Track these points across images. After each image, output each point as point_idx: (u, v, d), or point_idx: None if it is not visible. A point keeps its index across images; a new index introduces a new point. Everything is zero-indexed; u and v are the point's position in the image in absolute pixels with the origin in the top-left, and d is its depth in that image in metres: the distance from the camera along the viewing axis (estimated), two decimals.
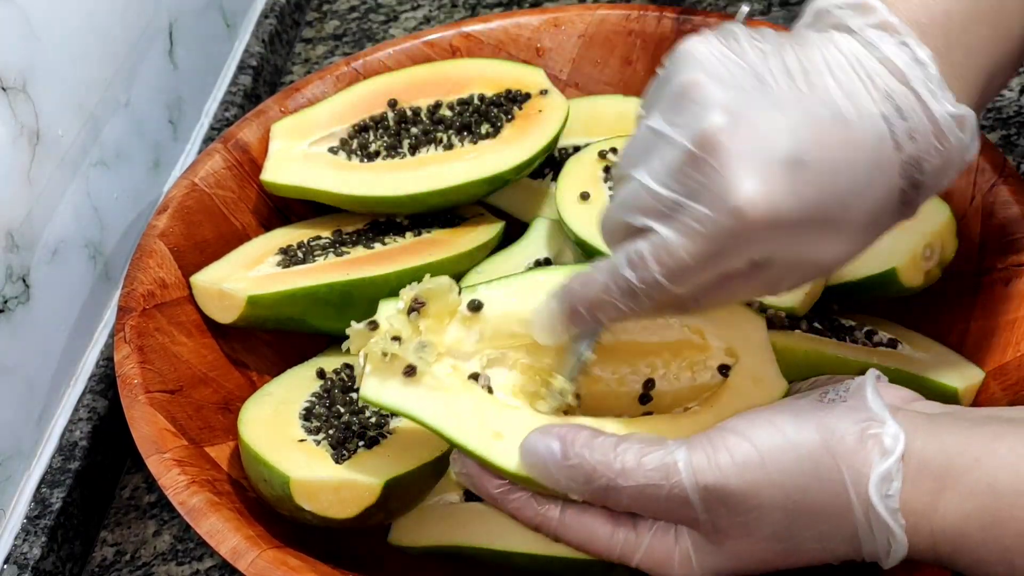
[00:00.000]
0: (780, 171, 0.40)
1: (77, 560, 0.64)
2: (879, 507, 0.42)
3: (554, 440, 0.46)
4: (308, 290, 0.63)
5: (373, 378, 0.50)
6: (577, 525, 0.47)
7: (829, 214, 0.42)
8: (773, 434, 0.44)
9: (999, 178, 0.63)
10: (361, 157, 0.70)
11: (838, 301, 0.63)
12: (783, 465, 0.43)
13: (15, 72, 0.62)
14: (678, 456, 0.44)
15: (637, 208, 0.43)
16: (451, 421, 0.49)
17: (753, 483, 0.43)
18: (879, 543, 0.43)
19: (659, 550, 0.46)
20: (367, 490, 0.53)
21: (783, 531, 0.44)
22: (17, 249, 0.62)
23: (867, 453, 0.43)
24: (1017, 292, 0.59)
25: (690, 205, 0.41)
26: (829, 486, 0.43)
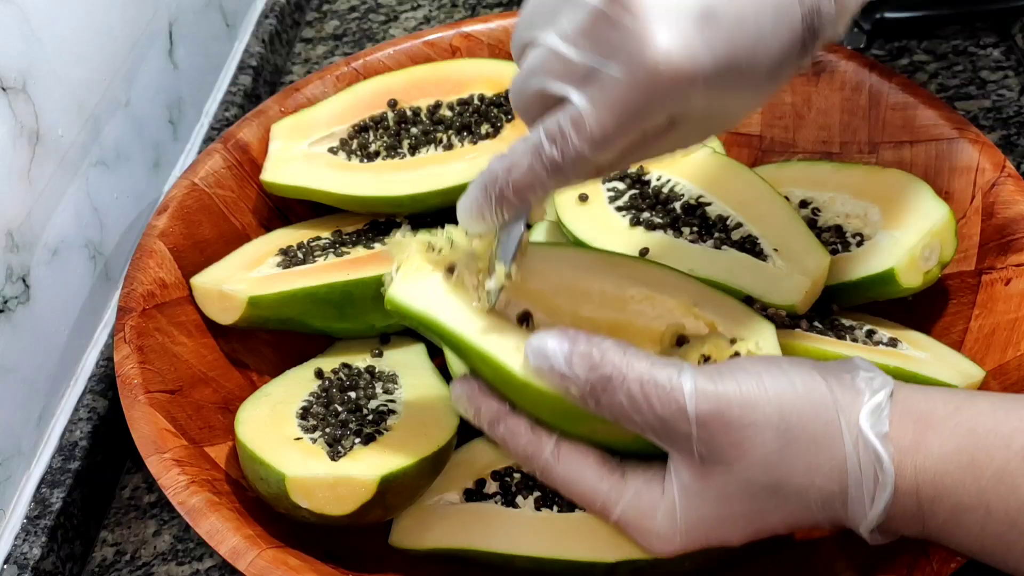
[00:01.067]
0: (693, 25, 0.40)
1: (77, 560, 0.64)
2: (868, 433, 0.43)
3: (565, 336, 0.46)
4: (308, 290, 0.63)
5: (402, 283, 0.49)
6: (567, 460, 0.47)
7: (740, 64, 0.42)
8: (774, 369, 0.45)
9: (999, 178, 0.63)
10: (361, 157, 0.70)
11: (838, 301, 0.63)
12: (780, 387, 0.44)
13: (15, 72, 0.62)
14: (684, 367, 0.44)
15: (550, 74, 0.42)
16: (474, 329, 0.48)
17: (750, 397, 0.43)
18: (865, 476, 0.43)
19: (644, 500, 0.46)
20: (363, 486, 0.53)
21: (774, 456, 0.44)
22: (17, 249, 0.62)
23: (858, 391, 0.44)
24: (1017, 292, 0.59)
25: (606, 67, 0.41)
26: (822, 412, 0.44)
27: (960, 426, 0.43)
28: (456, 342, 0.49)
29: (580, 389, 0.45)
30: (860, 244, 0.63)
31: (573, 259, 0.54)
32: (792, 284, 0.60)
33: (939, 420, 0.44)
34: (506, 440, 0.49)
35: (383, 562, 0.58)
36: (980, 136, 0.65)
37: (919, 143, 0.67)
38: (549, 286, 0.52)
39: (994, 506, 0.42)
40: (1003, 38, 0.88)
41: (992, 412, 0.43)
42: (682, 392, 0.44)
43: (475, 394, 0.49)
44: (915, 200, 0.63)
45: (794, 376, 0.45)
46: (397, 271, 0.50)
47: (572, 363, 0.45)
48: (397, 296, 0.49)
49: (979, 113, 0.82)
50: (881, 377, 0.45)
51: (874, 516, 0.44)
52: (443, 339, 0.49)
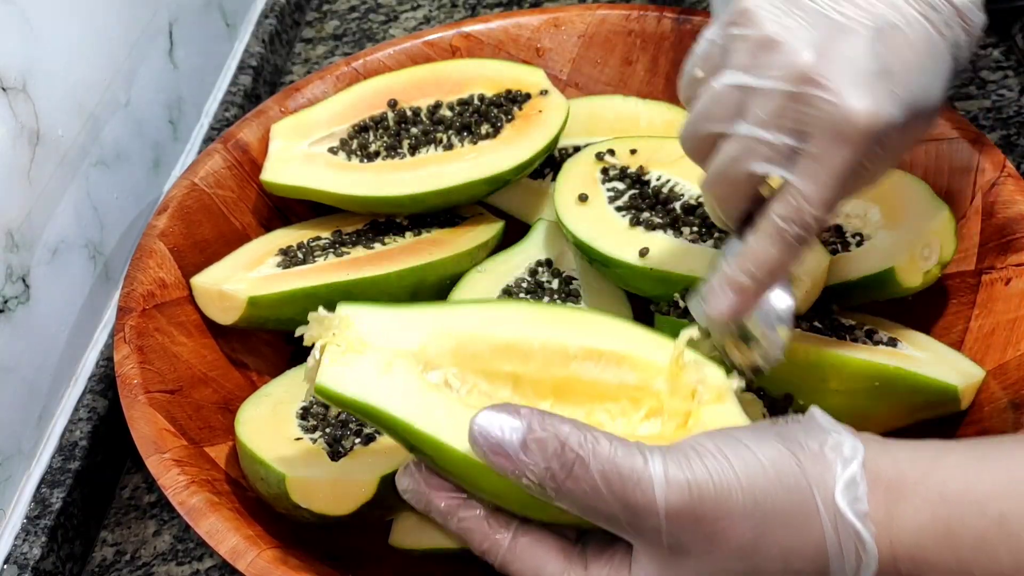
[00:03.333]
0: (877, 83, 0.46)
1: (77, 560, 0.64)
2: (847, 512, 0.41)
3: (516, 416, 0.42)
4: (308, 291, 0.63)
5: (331, 367, 0.45)
6: (527, 555, 0.44)
7: (921, 105, 0.48)
8: (738, 447, 0.42)
9: (999, 178, 0.63)
10: (361, 157, 0.70)
11: (838, 301, 0.63)
12: (750, 470, 0.42)
13: (15, 72, 0.62)
14: (650, 453, 0.42)
15: (754, 158, 0.48)
16: (417, 411, 0.44)
17: (722, 487, 0.41)
18: (847, 556, 0.42)
19: None
20: (363, 486, 0.53)
21: (748, 545, 0.41)
22: (17, 249, 0.62)
23: (829, 462, 0.42)
24: (1017, 292, 0.59)
25: (809, 141, 0.46)
26: (795, 494, 0.42)
27: (931, 492, 0.41)
28: (403, 429, 0.44)
29: (538, 477, 0.42)
30: (860, 244, 0.63)
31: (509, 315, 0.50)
32: None
33: (909, 487, 0.42)
34: (463, 535, 0.45)
35: (383, 562, 0.58)
36: (980, 136, 0.65)
37: (919, 143, 0.67)
38: (487, 348, 0.48)
39: (977, 574, 0.41)
40: (1003, 38, 0.88)
41: (963, 474, 0.42)
42: (651, 483, 0.41)
43: (422, 488, 0.46)
44: (915, 200, 0.63)
45: (761, 454, 0.42)
46: (321, 352, 0.45)
47: (528, 449, 0.41)
48: (328, 385, 0.44)
49: (979, 113, 0.82)
50: (849, 441, 0.43)
51: None
52: (385, 427, 0.45)
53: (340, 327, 0.46)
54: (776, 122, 0.47)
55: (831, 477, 0.42)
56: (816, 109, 0.46)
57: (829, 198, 0.47)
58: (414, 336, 0.47)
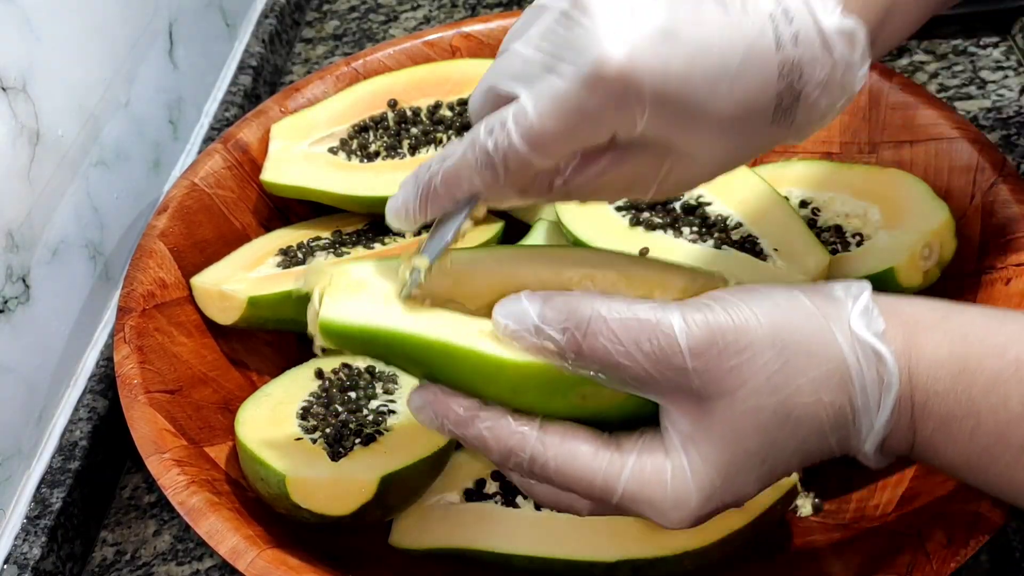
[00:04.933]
0: (648, 35, 0.39)
1: (77, 560, 0.64)
2: (865, 334, 0.41)
3: (534, 295, 0.42)
4: (308, 291, 0.63)
5: (334, 304, 0.44)
6: (556, 442, 0.43)
7: (696, 92, 0.41)
8: (752, 293, 0.42)
9: (999, 178, 0.63)
10: (361, 157, 0.70)
11: None
12: (766, 308, 0.41)
13: (15, 72, 0.62)
14: (666, 303, 0.41)
15: (506, 74, 0.42)
16: (430, 326, 0.44)
17: (742, 321, 0.41)
18: (869, 379, 0.41)
19: (647, 467, 0.42)
20: (363, 486, 0.53)
21: (777, 376, 0.41)
22: (17, 249, 0.62)
23: (838, 300, 0.42)
24: (1017, 292, 0.59)
25: (556, 67, 0.40)
26: (812, 323, 0.41)
27: (951, 332, 0.41)
28: (413, 344, 0.44)
29: (558, 342, 0.41)
30: (860, 244, 0.63)
31: (501, 256, 0.50)
32: (792, 284, 0.60)
33: (929, 325, 0.42)
34: (484, 438, 0.43)
35: (383, 562, 0.58)
36: (980, 136, 0.65)
37: (919, 143, 0.67)
38: (483, 285, 0.48)
39: (984, 416, 0.41)
40: (1003, 38, 0.88)
41: (984, 322, 0.42)
42: (670, 325, 0.40)
43: (439, 399, 0.44)
44: (915, 200, 0.63)
45: (776, 297, 0.42)
46: (321, 296, 0.45)
47: (546, 316, 0.41)
48: (333, 317, 0.44)
49: (979, 113, 0.82)
50: (857, 283, 0.43)
51: (881, 422, 0.42)
52: (394, 350, 0.44)
53: (336, 273, 0.45)
54: (537, 40, 0.41)
55: (844, 310, 0.42)
56: (572, 34, 0.40)
57: (539, 128, 0.40)
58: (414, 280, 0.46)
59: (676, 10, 0.40)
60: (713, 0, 0.41)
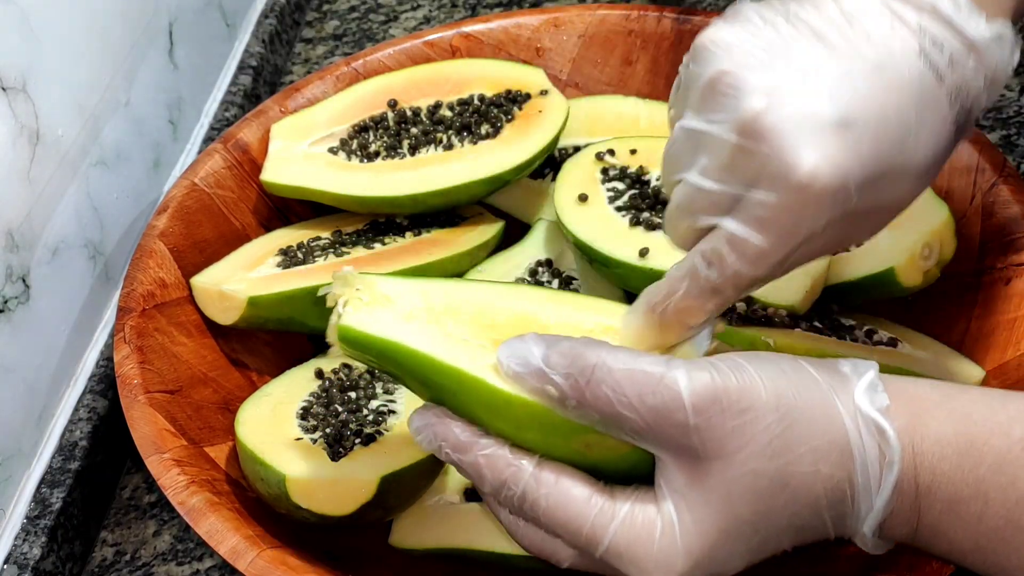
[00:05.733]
0: (832, 135, 0.40)
1: (77, 560, 0.64)
2: (869, 409, 0.41)
3: (540, 337, 0.43)
4: (308, 291, 0.63)
5: (355, 313, 0.45)
6: (550, 481, 0.43)
7: (892, 162, 0.41)
8: (755, 357, 0.42)
9: (999, 178, 0.63)
10: (361, 157, 0.70)
11: (837, 301, 0.63)
12: (771, 373, 0.41)
13: (15, 72, 0.62)
14: (670, 358, 0.42)
15: (697, 210, 0.43)
16: (444, 349, 0.44)
17: (746, 383, 0.41)
18: (870, 454, 0.41)
19: (637, 521, 0.42)
20: (363, 487, 0.53)
21: (777, 441, 0.41)
22: (17, 249, 0.62)
23: (844, 375, 0.42)
24: (1017, 292, 0.59)
25: (753, 194, 0.41)
26: (816, 394, 0.41)
27: (955, 411, 0.41)
28: (426, 365, 0.44)
29: (561, 387, 0.41)
30: (860, 243, 0.63)
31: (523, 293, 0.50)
32: (792, 284, 0.60)
33: (933, 404, 0.42)
34: (480, 465, 0.43)
35: (383, 562, 0.58)
36: (980, 136, 0.65)
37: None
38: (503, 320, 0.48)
39: (992, 497, 0.40)
40: None
41: (986, 401, 0.42)
42: (675, 380, 0.40)
43: (440, 421, 0.44)
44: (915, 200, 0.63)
45: (781, 364, 0.42)
46: (345, 305, 0.45)
47: (550, 360, 0.42)
48: (352, 324, 0.44)
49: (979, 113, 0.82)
50: (863, 361, 0.43)
51: (881, 502, 0.41)
52: (406, 368, 0.45)
53: (364, 284, 0.46)
54: (719, 174, 0.42)
55: (849, 384, 0.42)
56: (760, 164, 0.40)
57: (757, 251, 0.42)
58: (433, 300, 0.47)
59: (839, 95, 0.40)
60: (863, 59, 0.41)
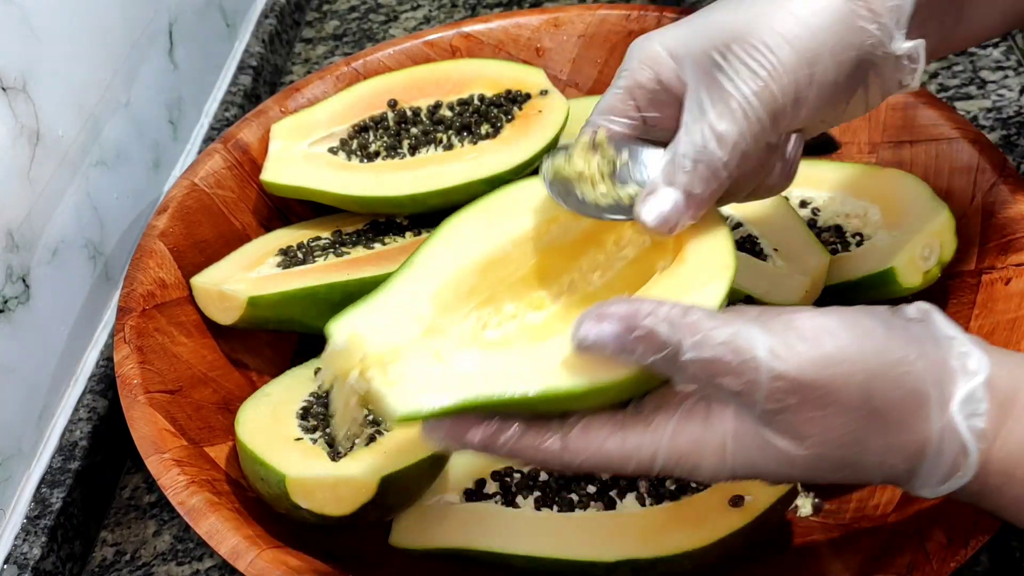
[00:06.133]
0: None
1: (77, 560, 0.64)
2: (961, 428, 0.40)
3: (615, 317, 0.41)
4: (308, 291, 0.63)
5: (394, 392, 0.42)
6: (584, 441, 0.42)
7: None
8: (858, 332, 0.40)
9: (999, 178, 0.63)
10: (361, 157, 0.70)
11: (837, 301, 0.63)
12: (869, 366, 0.40)
13: (15, 72, 0.62)
14: (753, 334, 0.40)
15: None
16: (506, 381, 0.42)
17: (834, 378, 0.39)
18: (944, 463, 0.41)
19: (684, 439, 0.42)
20: (363, 487, 0.53)
21: (850, 436, 0.40)
22: (17, 249, 0.62)
23: (951, 371, 0.41)
24: (1017, 292, 0.59)
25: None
26: (910, 395, 0.40)
27: None
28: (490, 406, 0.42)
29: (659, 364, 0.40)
30: (860, 244, 0.63)
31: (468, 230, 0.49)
32: (792, 284, 0.60)
33: (1022, 405, 0.41)
34: (513, 452, 0.43)
35: (383, 562, 0.58)
36: (980, 136, 0.65)
37: (919, 143, 0.67)
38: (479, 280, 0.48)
39: None
40: (1003, 38, 0.88)
41: None
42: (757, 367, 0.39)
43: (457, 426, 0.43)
44: (915, 200, 0.63)
45: (885, 347, 0.40)
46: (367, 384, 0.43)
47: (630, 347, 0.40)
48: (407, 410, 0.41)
49: (979, 113, 0.82)
50: (976, 355, 0.41)
51: (937, 494, 0.42)
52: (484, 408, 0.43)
53: (357, 350, 0.43)
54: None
55: (952, 387, 0.41)
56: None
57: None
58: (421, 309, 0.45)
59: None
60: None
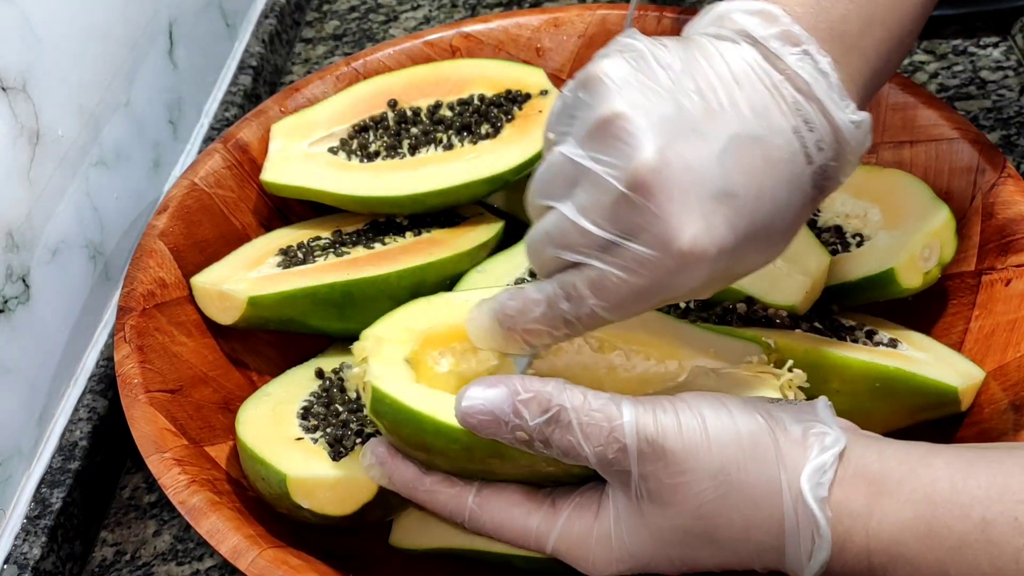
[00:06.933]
0: (715, 206, 0.41)
1: (77, 560, 0.64)
2: (808, 496, 0.42)
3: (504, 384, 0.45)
4: (308, 290, 0.63)
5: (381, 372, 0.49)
6: (493, 504, 0.47)
7: (761, 233, 0.43)
8: (720, 411, 0.44)
9: (999, 178, 0.63)
10: (361, 157, 0.70)
11: (838, 301, 0.63)
12: (724, 439, 0.43)
13: (15, 72, 0.62)
14: (623, 405, 0.44)
15: (568, 245, 0.43)
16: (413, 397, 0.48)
17: (691, 446, 0.43)
18: (803, 538, 0.42)
19: (576, 528, 0.46)
20: (364, 487, 0.53)
21: (709, 505, 0.43)
22: (17, 249, 0.62)
23: (807, 448, 0.43)
24: (1017, 292, 0.59)
25: (629, 246, 0.42)
26: (763, 468, 0.43)
27: (916, 492, 0.42)
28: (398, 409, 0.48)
29: (529, 432, 0.44)
30: (860, 244, 0.63)
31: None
32: (792, 284, 0.60)
33: (894, 484, 0.42)
34: (426, 502, 0.49)
35: (383, 562, 0.58)
36: (980, 136, 0.65)
37: (919, 143, 0.67)
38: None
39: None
40: (1003, 38, 0.88)
41: (950, 476, 0.42)
42: (623, 431, 0.43)
43: (387, 460, 0.49)
44: (915, 200, 0.63)
45: (740, 423, 0.44)
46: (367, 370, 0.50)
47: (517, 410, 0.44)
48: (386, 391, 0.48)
49: (979, 113, 0.82)
50: (834, 434, 0.44)
51: (811, 573, 0.43)
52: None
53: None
54: (598, 216, 0.42)
55: (804, 461, 0.43)
56: (642, 219, 0.41)
57: (618, 301, 0.43)
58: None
59: (725, 162, 0.42)
60: (745, 128, 0.42)
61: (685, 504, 0.43)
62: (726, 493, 0.43)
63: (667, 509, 0.44)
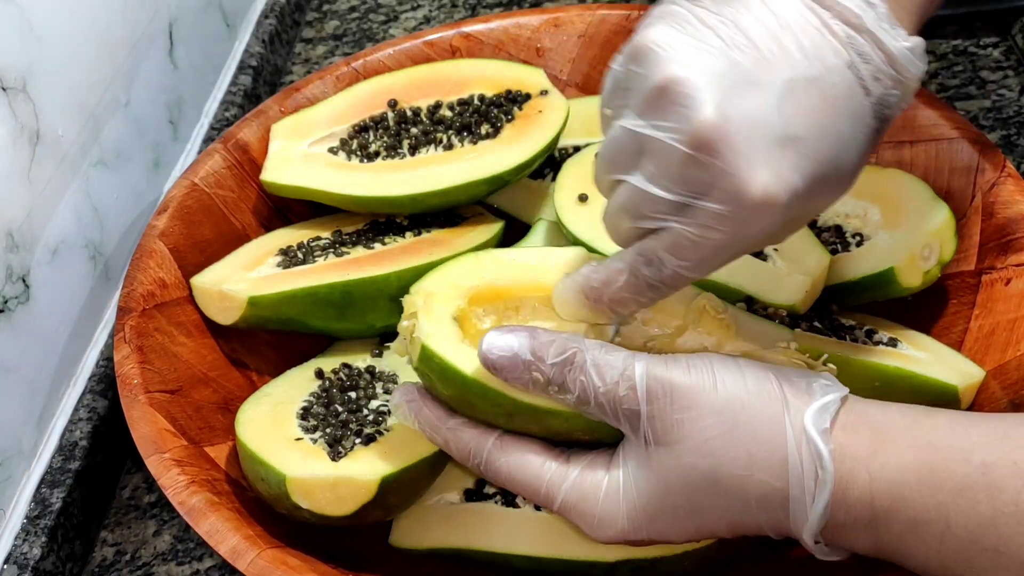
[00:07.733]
0: (780, 152, 0.42)
1: (77, 560, 0.64)
2: (811, 430, 0.43)
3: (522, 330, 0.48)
4: (308, 290, 0.63)
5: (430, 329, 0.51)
6: (510, 449, 0.49)
7: (829, 173, 0.43)
8: (728, 362, 0.46)
9: (999, 178, 0.63)
10: (361, 157, 0.70)
11: (837, 301, 0.63)
12: (729, 381, 0.45)
13: (15, 72, 0.62)
14: (637, 355, 0.46)
15: (643, 214, 0.45)
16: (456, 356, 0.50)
17: (698, 384, 0.45)
18: (806, 474, 0.43)
19: (586, 482, 0.47)
20: (363, 487, 0.53)
21: (715, 441, 0.44)
22: (17, 249, 0.62)
23: (810, 393, 0.45)
24: (1017, 292, 0.59)
25: (702, 205, 0.42)
26: (768, 407, 0.44)
27: (919, 438, 0.43)
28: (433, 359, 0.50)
29: (547, 374, 0.46)
30: (860, 244, 0.63)
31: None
32: (792, 284, 0.60)
33: (897, 432, 0.44)
34: (448, 440, 0.50)
35: (383, 562, 0.58)
36: (980, 136, 0.65)
37: (919, 143, 0.67)
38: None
39: (954, 521, 0.41)
40: (1003, 38, 0.88)
41: (950, 427, 0.43)
42: (634, 372, 0.45)
43: (416, 399, 0.51)
44: (915, 200, 0.63)
45: (748, 373, 0.45)
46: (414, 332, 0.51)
47: (538, 352, 0.47)
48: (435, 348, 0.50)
49: (979, 113, 0.82)
50: (837, 385, 0.45)
51: (815, 517, 0.43)
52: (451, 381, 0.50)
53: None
54: (667, 181, 0.43)
55: (808, 404, 0.44)
56: (711, 176, 0.42)
57: (699, 259, 0.44)
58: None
59: (784, 108, 0.42)
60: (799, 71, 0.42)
61: (691, 440, 0.45)
62: (731, 430, 0.44)
63: (673, 448, 0.45)
